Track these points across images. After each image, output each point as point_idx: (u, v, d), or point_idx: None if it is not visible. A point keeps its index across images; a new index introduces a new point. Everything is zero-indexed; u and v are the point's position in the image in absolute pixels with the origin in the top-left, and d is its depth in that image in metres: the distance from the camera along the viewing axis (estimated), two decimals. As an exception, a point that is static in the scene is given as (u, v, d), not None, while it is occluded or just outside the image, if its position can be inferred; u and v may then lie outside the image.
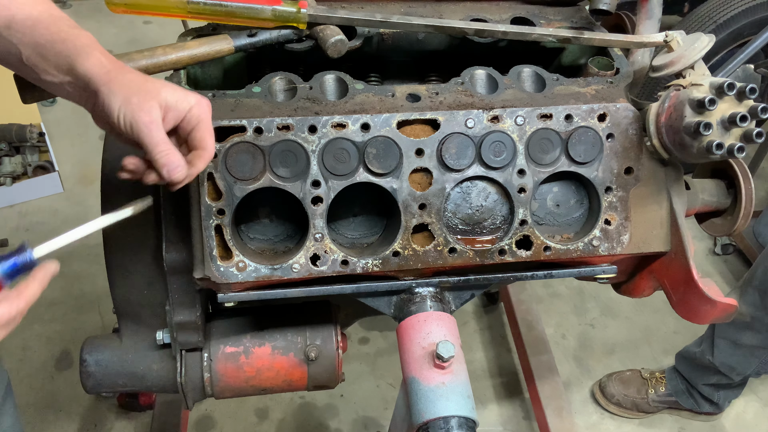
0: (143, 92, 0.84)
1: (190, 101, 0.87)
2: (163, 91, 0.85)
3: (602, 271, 1.22)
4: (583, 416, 2.30)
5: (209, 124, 0.89)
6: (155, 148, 0.84)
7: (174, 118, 0.86)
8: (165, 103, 0.85)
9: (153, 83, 0.86)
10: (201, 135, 0.88)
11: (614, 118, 1.12)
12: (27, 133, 2.92)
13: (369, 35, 1.21)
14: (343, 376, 1.35)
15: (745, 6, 2.52)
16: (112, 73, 0.84)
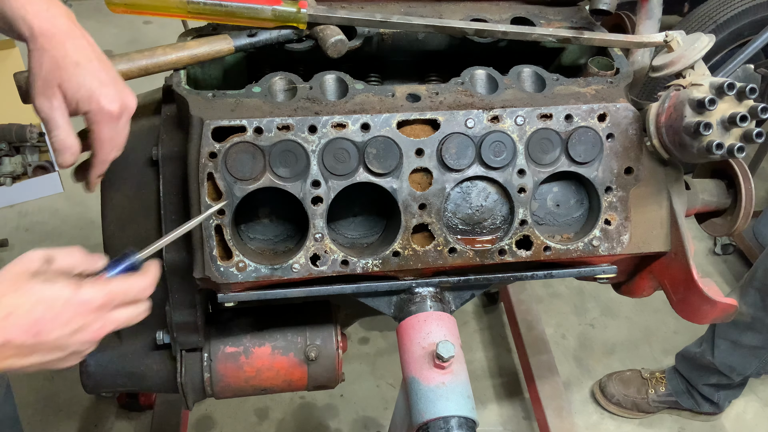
0: (52, 74, 0.87)
1: (93, 104, 0.89)
2: (73, 78, 0.87)
3: (602, 271, 1.22)
4: (583, 416, 2.30)
5: (104, 129, 0.91)
6: (50, 132, 0.90)
7: (75, 109, 0.90)
8: (69, 92, 0.88)
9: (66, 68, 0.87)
10: (93, 136, 0.91)
11: (614, 118, 1.12)
12: (27, 133, 2.92)
13: (369, 35, 1.21)
14: (343, 376, 1.35)
15: (745, 6, 2.52)
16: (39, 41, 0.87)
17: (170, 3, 1.05)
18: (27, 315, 0.75)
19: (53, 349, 0.78)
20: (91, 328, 0.80)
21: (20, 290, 0.76)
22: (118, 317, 0.84)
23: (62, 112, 0.89)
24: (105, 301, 0.81)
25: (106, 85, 0.89)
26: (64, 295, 0.77)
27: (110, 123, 0.91)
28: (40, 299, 0.76)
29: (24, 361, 0.77)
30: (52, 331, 0.76)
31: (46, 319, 0.76)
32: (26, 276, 0.77)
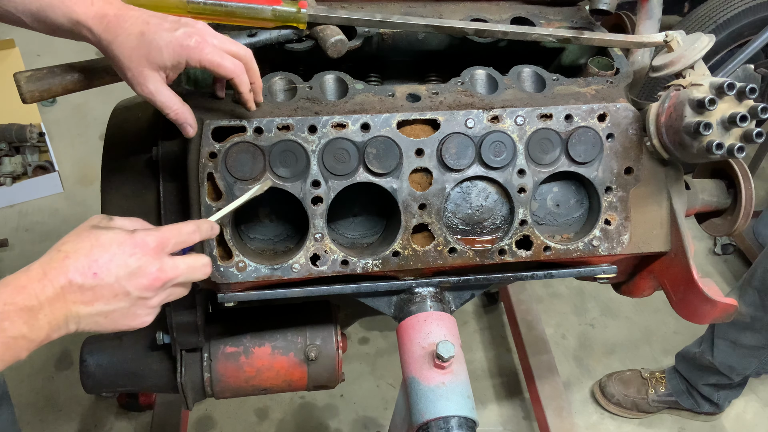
0: (135, 63, 0.91)
1: (182, 51, 0.91)
2: (152, 53, 0.90)
3: (602, 271, 1.22)
4: (583, 416, 2.30)
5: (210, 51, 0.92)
6: (165, 110, 0.95)
7: (176, 70, 0.94)
8: (161, 64, 0.91)
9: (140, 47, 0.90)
10: (209, 65, 0.93)
11: (614, 118, 1.12)
12: (27, 133, 2.92)
13: (369, 35, 1.21)
14: (343, 376, 1.35)
15: (745, 6, 2.52)
16: (103, 42, 0.92)
17: (170, 3, 1.05)
18: (85, 257, 0.78)
19: (115, 295, 0.80)
20: (147, 271, 0.82)
21: (80, 237, 0.80)
22: (177, 264, 0.85)
23: (163, 89, 0.94)
24: (158, 242, 0.83)
25: (176, 29, 0.92)
26: (119, 239, 0.81)
27: (205, 49, 0.92)
28: (96, 243, 0.80)
29: (89, 308, 0.79)
30: (109, 271, 0.79)
31: (104, 259, 0.79)
32: (87, 228, 0.82)
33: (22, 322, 0.73)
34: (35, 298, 0.74)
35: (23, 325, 0.73)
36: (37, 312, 0.74)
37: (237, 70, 0.95)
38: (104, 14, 0.91)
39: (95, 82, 1.08)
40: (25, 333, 0.73)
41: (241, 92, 0.98)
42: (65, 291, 0.76)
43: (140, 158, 1.19)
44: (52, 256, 0.78)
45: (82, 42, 0.96)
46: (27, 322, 0.73)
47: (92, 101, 3.40)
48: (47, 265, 0.77)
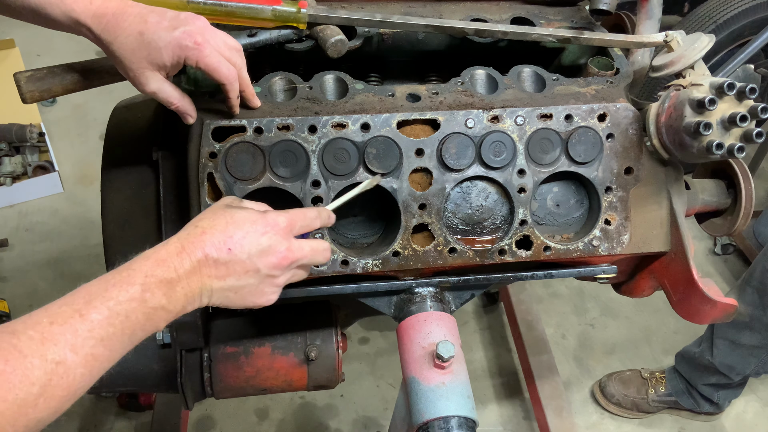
0: (136, 64, 0.93)
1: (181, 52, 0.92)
2: (152, 54, 0.92)
3: (602, 271, 1.22)
4: (583, 416, 2.30)
5: (208, 54, 0.94)
6: (167, 105, 0.99)
7: (176, 68, 0.95)
8: (161, 64, 0.93)
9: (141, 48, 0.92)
10: (205, 67, 0.95)
11: (614, 118, 1.12)
12: (27, 133, 2.92)
13: (369, 35, 1.21)
14: (343, 376, 1.35)
15: (745, 6, 2.52)
16: (104, 42, 0.93)
17: (170, 3, 1.05)
18: (220, 233, 0.82)
19: (246, 272, 0.84)
20: (277, 250, 0.86)
21: (215, 215, 0.85)
22: (302, 245, 0.89)
23: (165, 86, 0.96)
24: (287, 222, 0.88)
25: (175, 27, 0.92)
26: (252, 218, 0.85)
27: (204, 51, 0.93)
28: (231, 220, 0.84)
29: (222, 283, 0.83)
30: (243, 247, 0.83)
31: (238, 236, 0.83)
32: (221, 206, 0.88)
33: (162, 294, 0.76)
34: (174, 271, 0.78)
35: (162, 296, 0.76)
36: (175, 284, 0.78)
37: (231, 77, 0.97)
38: (103, 13, 0.91)
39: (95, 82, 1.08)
40: (164, 304, 0.76)
41: (229, 98, 1.00)
42: (201, 265, 0.80)
43: (140, 158, 1.19)
44: (189, 231, 0.82)
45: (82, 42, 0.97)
46: (166, 294, 0.77)
47: (92, 101, 3.40)
48: (185, 239, 0.81)
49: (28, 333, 0.66)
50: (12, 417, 0.63)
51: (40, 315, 0.69)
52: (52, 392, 0.66)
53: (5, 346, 0.64)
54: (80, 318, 0.69)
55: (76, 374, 0.68)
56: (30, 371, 0.64)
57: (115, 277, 0.75)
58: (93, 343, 0.69)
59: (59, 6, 0.90)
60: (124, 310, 0.73)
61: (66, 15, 0.91)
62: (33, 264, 2.64)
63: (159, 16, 0.93)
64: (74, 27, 0.92)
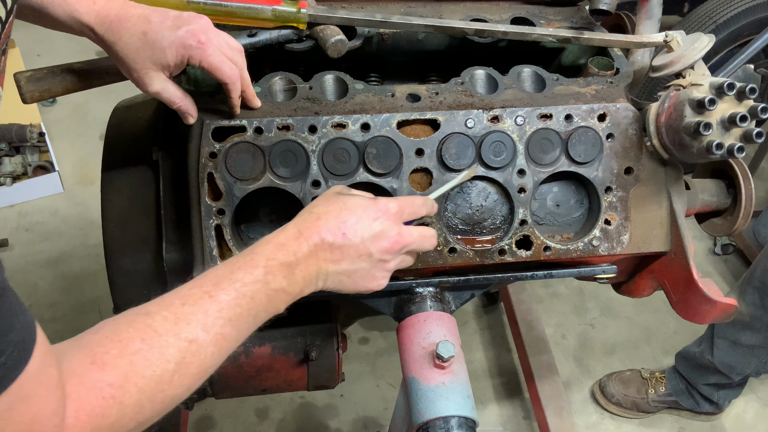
0: (140, 64, 0.93)
1: (185, 51, 0.93)
2: (156, 54, 0.92)
3: (602, 271, 1.22)
4: (583, 416, 2.30)
5: (212, 53, 0.94)
6: (170, 104, 0.99)
7: (179, 68, 0.96)
8: (164, 64, 0.93)
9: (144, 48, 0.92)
10: (208, 66, 0.95)
11: (614, 118, 1.12)
12: (27, 133, 2.92)
13: (369, 35, 1.21)
14: (343, 376, 1.35)
15: (745, 6, 2.52)
16: (107, 42, 0.93)
17: (170, 3, 1.05)
18: (335, 218, 0.86)
19: (359, 256, 0.87)
20: (389, 234, 0.89)
21: (329, 201, 0.89)
22: (411, 231, 0.92)
23: (168, 86, 0.97)
24: (398, 209, 0.91)
25: (178, 27, 0.93)
26: (364, 203, 0.89)
27: (207, 50, 0.94)
28: (344, 206, 0.88)
29: (336, 267, 0.86)
30: (356, 232, 0.86)
31: (351, 221, 0.86)
32: (333, 194, 0.92)
33: (282, 277, 0.80)
34: (293, 254, 0.82)
35: (283, 279, 0.80)
36: (294, 267, 0.82)
37: (233, 77, 0.97)
38: (106, 14, 0.91)
39: (95, 82, 1.08)
40: (284, 286, 0.80)
41: (231, 98, 1.00)
42: (317, 249, 0.84)
43: (140, 158, 1.19)
44: (305, 218, 0.87)
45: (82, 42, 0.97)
46: (286, 277, 0.81)
47: (92, 101, 3.40)
48: (302, 225, 0.85)
49: (162, 314, 0.70)
50: (150, 393, 0.66)
51: (172, 297, 0.73)
52: (186, 369, 0.69)
53: (141, 327, 0.68)
54: (210, 299, 0.73)
55: (207, 352, 0.71)
56: (165, 349, 0.68)
57: (240, 261, 0.79)
58: (222, 323, 0.73)
59: (62, 6, 0.90)
60: (250, 292, 0.76)
61: (69, 15, 0.91)
62: (33, 264, 2.64)
63: (162, 16, 0.93)
64: (77, 27, 0.92)
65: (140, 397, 0.65)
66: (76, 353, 0.64)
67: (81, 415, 0.61)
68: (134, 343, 0.66)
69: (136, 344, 0.66)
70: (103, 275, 1.23)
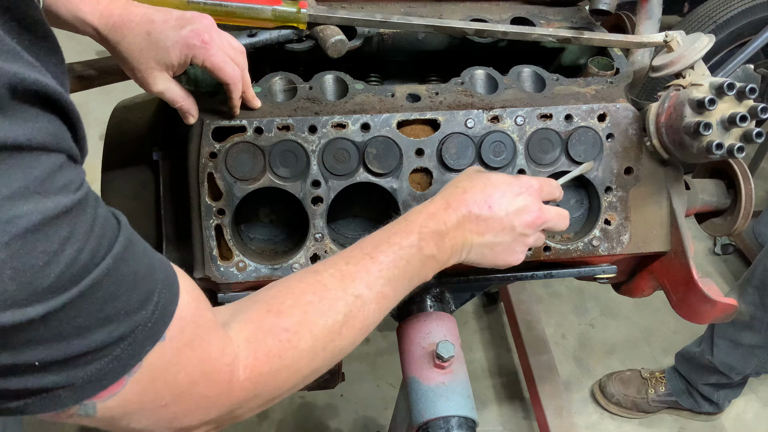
0: (143, 64, 0.93)
1: (188, 50, 0.93)
2: (159, 53, 0.92)
3: (602, 271, 1.22)
4: (583, 416, 2.30)
5: (215, 53, 0.94)
6: (172, 104, 0.99)
7: (182, 67, 0.96)
8: (168, 63, 0.94)
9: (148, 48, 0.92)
10: (211, 66, 0.95)
11: (614, 118, 1.12)
12: (27, 133, 2.91)
13: (369, 35, 1.21)
14: (343, 376, 1.35)
15: (745, 6, 2.52)
16: (110, 42, 0.93)
17: (170, 3, 1.05)
18: (481, 191, 0.90)
19: (503, 228, 0.90)
20: (532, 209, 0.92)
21: (473, 177, 0.93)
22: (550, 209, 0.95)
23: (171, 86, 0.97)
24: (539, 185, 0.94)
25: (182, 26, 0.93)
26: (507, 179, 0.93)
27: (210, 50, 0.94)
28: (488, 182, 0.92)
29: (480, 238, 0.90)
30: (501, 205, 0.90)
31: (496, 195, 0.90)
32: (474, 171, 0.97)
33: (434, 244, 0.84)
34: (444, 224, 0.86)
35: (434, 246, 0.84)
36: (444, 236, 0.86)
37: (235, 77, 0.97)
38: (110, 14, 0.91)
39: (95, 82, 1.08)
40: (435, 253, 0.85)
41: (232, 98, 1.00)
42: (464, 220, 0.88)
43: (140, 158, 1.19)
44: (451, 191, 0.91)
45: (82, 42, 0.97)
46: (437, 244, 0.85)
47: (92, 101, 3.39)
48: (450, 197, 0.89)
49: (329, 271, 0.76)
50: (323, 341, 0.71)
51: (335, 258, 0.79)
52: (352, 322, 0.74)
53: (312, 282, 0.74)
54: (371, 260, 0.78)
55: (370, 309, 0.76)
56: (335, 302, 0.73)
57: (395, 227, 0.84)
58: (382, 282, 0.78)
59: (66, 5, 0.90)
60: (406, 255, 0.81)
61: (72, 14, 0.91)
62: (33, 264, 2.64)
63: (165, 16, 0.93)
64: (80, 26, 0.92)
65: (314, 344, 0.69)
66: (251, 305, 0.69)
67: (259, 355, 0.65)
68: (306, 296, 0.71)
69: (308, 296, 0.71)
70: (103, 275, 1.22)
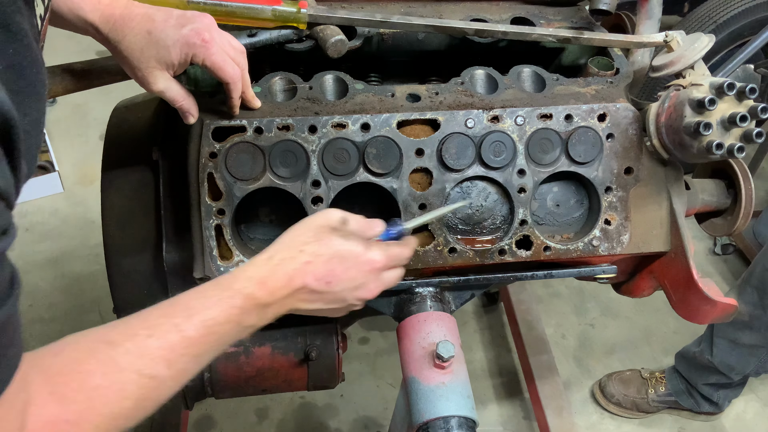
0: (144, 63, 0.93)
1: (189, 49, 0.93)
2: (160, 52, 0.92)
3: (602, 271, 1.22)
4: (583, 416, 2.30)
5: (215, 52, 0.94)
6: (173, 103, 0.99)
7: (183, 66, 0.96)
8: (169, 62, 0.93)
9: (149, 47, 0.92)
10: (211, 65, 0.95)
11: (614, 118, 1.12)
12: (27, 133, 2.91)
13: (369, 35, 1.21)
14: (343, 376, 1.35)
15: (745, 6, 2.52)
16: (111, 42, 0.93)
17: (170, 3, 1.05)
18: (324, 265, 0.84)
19: (335, 300, 0.86)
20: (369, 287, 0.88)
21: (322, 241, 0.85)
22: (388, 278, 0.91)
23: (172, 85, 0.97)
24: (385, 263, 0.89)
25: (183, 25, 0.93)
26: (356, 252, 0.86)
27: (211, 49, 0.94)
28: (336, 252, 0.85)
29: (309, 306, 0.85)
30: (340, 282, 0.85)
31: (338, 271, 0.84)
32: (327, 230, 0.86)
33: (256, 315, 0.80)
34: (273, 295, 0.81)
35: (256, 317, 0.80)
36: (269, 307, 0.81)
37: (235, 77, 0.97)
38: (111, 13, 0.91)
39: (95, 82, 1.08)
40: (254, 323, 0.81)
41: (231, 98, 1.01)
42: (298, 292, 0.83)
43: (140, 158, 1.19)
44: (294, 256, 0.83)
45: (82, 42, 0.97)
46: (258, 315, 0.80)
47: (92, 101, 3.40)
48: (290, 264, 0.82)
49: (125, 345, 0.67)
50: (105, 428, 0.64)
51: (137, 325, 0.70)
52: (143, 404, 0.68)
53: (104, 359, 0.65)
54: (178, 333, 0.71)
55: (165, 387, 0.70)
56: (126, 386, 0.66)
57: (217, 294, 0.77)
58: (186, 359, 0.71)
59: (67, 5, 0.90)
60: (221, 330, 0.75)
61: (74, 14, 0.91)
62: (33, 264, 2.64)
63: (166, 15, 0.93)
64: (81, 26, 0.92)
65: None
66: (36, 377, 0.61)
67: None
68: (95, 378, 0.64)
69: (97, 379, 0.64)
70: (103, 275, 1.23)
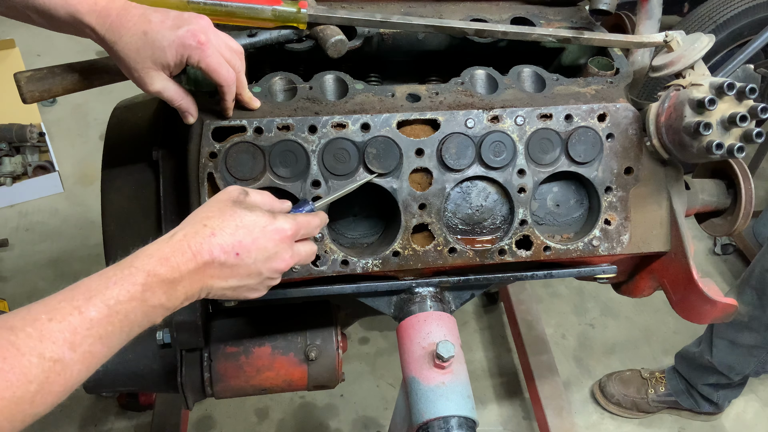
0: (140, 64, 0.93)
1: (184, 51, 0.93)
2: (156, 53, 0.92)
3: (602, 271, 1.22)
4: (583, 416, 2.30)
5: (210, 54, 0.94)
6: (171, 103, 0.99)
7: (179, 67, 0.95)
8: (164, 63, 0.93)
9: (145, 48, 0.92)
10: (206, 67, 0.95)
11: (614, 118, 1.12)
12: (27, 133, 2.92)
13: (369, 35, 1.21)
14: (343, 376, 1.35)
15: (745, 6, 2.52)
16: (108, 42, 0.93)
17: (170, 3, 1.05)
18: (230, 236, 0.82)
19: (249, 275, 0.85)
20: (282, 257, 0.87)
21: (224, 214, 0.83)
22: (300, 250, 0.91)
23: (169, 85, 0.97)
24: (294, 230, 0.88)
25: (179, 26, 0.93)
26: (262, 222, 0.85)
27: (206, 51, 0.94)
28: (241, 224, 0.83)
29: (224, 283, 0.83)
30: (250, 253, 0.83)
31: (246, 242, 0.83)
32: (229, 203, 0.85)
33: (162, 293, 0.76)
34: (177, 270, 0.77)
35: (163, 295, 0.76)
36: (177, 284, 0.77)
37: (229, 80, 0.98)
38: (107, 14, 0.91)
39: (95, 82, 1.08)
40: (163, 302, 0.76)
41: (225, 100, 1.01)
42: (206, 266, 0.80)
43: (140, 158, 1.19)
44: (197, 230, 0.81)
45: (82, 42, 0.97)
46: (166, 293, 0.76)
47: (92, 101, 3.40)
48: (192, 239, 0.79)
49: (26, 330, 0.66)
50: (9, 414, 0.63)
51: (39, 310, 0.68)
52: (49, 389, 0.66)
53: (3, 344, 0.64)
54: (79, 315, 0.69)
55: (73, 371, 0.68)
56: (28, 369, 0.64)
57: (117, 274, 0.75)
58: (91, 341, 0.70)
59: (64, 6, 0.91)
60: (124, 309, 0.72)
61: (70, 15, 0.91)
62: (33, 264, 2.64)
63: (162, 16, 0.93)
64: (78, 27, 0.93)
65: None
66: None
67: None
68: None
69: None
70: (103, 275, 1.22)
